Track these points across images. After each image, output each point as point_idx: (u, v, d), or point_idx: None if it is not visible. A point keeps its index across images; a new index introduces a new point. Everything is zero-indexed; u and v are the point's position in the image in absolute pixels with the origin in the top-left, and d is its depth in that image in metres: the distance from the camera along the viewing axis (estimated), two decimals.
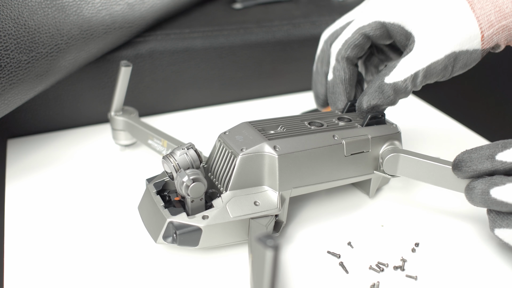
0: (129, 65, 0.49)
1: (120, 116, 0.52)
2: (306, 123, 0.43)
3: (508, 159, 0.36)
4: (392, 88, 0.42)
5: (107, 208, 0.46)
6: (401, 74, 0.42)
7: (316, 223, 0.43)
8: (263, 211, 0.38)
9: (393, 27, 0.44)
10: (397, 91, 0.43)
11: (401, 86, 0.42)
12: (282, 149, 0.39)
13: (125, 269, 0.38)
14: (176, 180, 0.37)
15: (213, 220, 0.37)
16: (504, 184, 0.36)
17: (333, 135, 0.41)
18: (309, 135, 0.41)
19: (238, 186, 0.39)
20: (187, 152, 0.38)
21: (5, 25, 0.43)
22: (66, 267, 0.39)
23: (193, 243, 0.37)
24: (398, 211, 0.45)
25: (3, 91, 0.44)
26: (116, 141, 0.54)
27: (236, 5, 0.70)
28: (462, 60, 0.42)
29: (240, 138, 0.40)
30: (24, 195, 0.47)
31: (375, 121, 0.44)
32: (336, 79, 0.47)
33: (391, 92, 0.42)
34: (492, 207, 0.37)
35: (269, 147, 0.39)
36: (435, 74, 0.42)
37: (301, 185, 0.40)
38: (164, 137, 0.48)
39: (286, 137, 0.40)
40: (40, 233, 0.42)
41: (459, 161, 0.38)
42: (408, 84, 0.42)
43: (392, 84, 0.42)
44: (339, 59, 0.47)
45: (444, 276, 0.38)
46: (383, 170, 0.44)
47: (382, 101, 0.43)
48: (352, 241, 0.41)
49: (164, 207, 0.38)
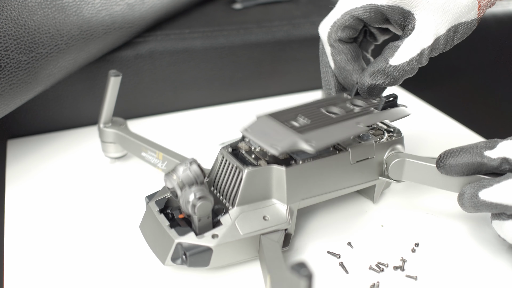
0: (119, 74, 0.47)
1: (110, 128, 0.49)
2: (324, 111, 0.41)
3: (495, 155, 0.37)
4: (398, 70, 0.41)
5: (107, 208, 0.46)
6: (406, 55, 0.41)
7: (316, 224, 0.43)
8: (273, 226, 0.37)
9: (391, 9, 0.42)
10: (402, 72, 0.41)
11: (407, 68, 0.41)
12: (317, 143, 0.35)
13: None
14: (181, 199, 0.35)
15: (223, 238, 0.35)
16: (491, 185, 0.37)
17: (357, 122, 0.39)
18: (335, 124, 0.38)
19: (246, 201, 0.37)
20: (190, 168, 0.37)
21: (5, 25, 0.43)
22: (66, 267, 0.39)
23: (204, 264, 0.36)
24: (398, 212, 0.45)
25: (3, 91, 0.44)
26: (106, 154, 0.51)
27: (236, 6, 0.70)
28: (460, 31, 0.42)
29: (263, 134, 0.37)
30: (24, 195, 0.47)
31: (388, 104, 0.43)
32: (340, 64, 0.45)
33: (396, 73, 0.41)
34: (482, 210, 0.38)
35: (302, 142, 0.35)
36: (438, 49, 0.42)
37: (309, 196, 0.40)
38: (159, 149, 0.47)
39: (316, 128, 0.37)
40: (40, 234, 0.42)
41: (446, 154, 0.39)
42: (414, 63, 0.41)
43: (398, 66, 0.41)
44: (332, 43, 0.45)
45: (444, 276, 0.38)
46: (388, 176, 0.43)
47: (385, 82, 0.42)
48: (352, 241, 0.41)
49: (169, 227, 0.36)
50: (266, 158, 0.39)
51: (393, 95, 0.43)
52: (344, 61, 0.45)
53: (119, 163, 0.53)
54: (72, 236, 0.42)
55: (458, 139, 0.58)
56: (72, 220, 0.44)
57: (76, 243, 0.41)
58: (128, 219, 0.44)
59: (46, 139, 0.57)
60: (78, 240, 0.41)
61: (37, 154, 0.54)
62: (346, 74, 0.45)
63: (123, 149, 0.51)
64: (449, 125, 0.62)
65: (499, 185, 0.36)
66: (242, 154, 0.40)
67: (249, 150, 0.41)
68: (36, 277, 0.38)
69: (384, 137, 0.43)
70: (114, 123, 0.50)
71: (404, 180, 0.43)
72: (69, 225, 0.43)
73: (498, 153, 0.38)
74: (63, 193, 0.48)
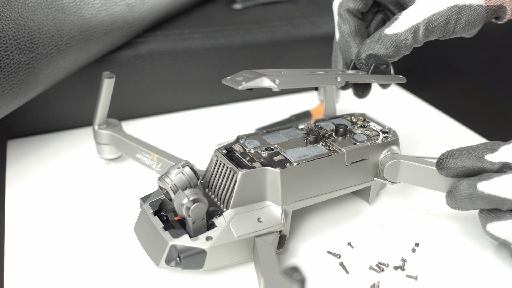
0: (112, 76, 0.47)
1: (105, 130, 0.49)
2: (309, 72, 0.40)
3: (496, 160, 0.36)
4: (392, 40, 0.41)
5: (102, 210, 0.46)
6: (401, 26, 0.41)
7: (313, 225, 0.43)
8: (268, 228, 0.37)
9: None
10: (397, 43, 0.41)
11: (401, 38, 0.41)
12: (281, 83, 0.35)
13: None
14: (175, 202, 0.35)
15: (217, 241, 0.35)
16: (491, 178, 0.36)
17: (336, 75, 0.39)
18: (311, 75, 0.38)
19: (240, 203, 0.37)
20: (183, 170, 0.37)
21: (5, 26, 0.43)
22: (63, 268, 0.39)
23: (198, 266, 0.35)
24: (398, 212, 0.45)
25: (3, 92, 0.44)
26: (101, 156, 0.51)
27: (236, 6, 0.70)
28: (465, 15, 0.41)
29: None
30: (24, 196, 0.47)
31: (379, 70, 0.42)
32: (343, 34, 0.45)
33: (390, 43, 0.41)
34: (477, 203, 0.37)
35: (268, 80, 0.35)
36: (437, 27, 0.41)
37: (304, 198, 0.40)
38: (154, 150, 0.47)
39: (289, 76, 0.37)
40: (40, 234, 0.42)
41: (446, 156, 0.39)
42: (409, 36, 0.41)
43: (392, 35, 0.41)
44: (341, 12, 0.45)
45: (444, 276, 0.38)
46: (383, 177, 0.43)
47: (381, 52, 0.42)
48: (352, 241, 0.41)
49: (164, 229, 0.36)
50: (261, 160, 0.39)
51: (385, 62, 0.42)
52: (347, 32, 0.45)
53: (114, 165, 0.53)
54: (68, 237, 0.42)
55: (458, 139, 0.58)
56: (69, 221, 0.44)
57: (72, 245, 0.41)
58: (122, 221, 0.44)
59: (46, 140, 0.57)
60: (74, 242, 0.41)
61: (37, 155, 0.54)
62: (346, 47, 0.45)
63: (118, 151, 0.51)
64: (449, 124, 0.62)
65: (499, 178, 0.36)
66: (237, 156, 0.40)
67: (244, 152, 0.41)
68: (36, 277, 0.38)
69: (379, 138, 0.43)
70: (109, 124, 0.50)
71: (399, 181, 0.43)
72: (66, 226, 0.43)
73: (499, 157, 0.37)
74: (63, 194, 0.48)
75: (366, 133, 0.44)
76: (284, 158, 0.40)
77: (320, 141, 0.42)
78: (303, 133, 0.44)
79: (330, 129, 0.45)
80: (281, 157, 0.40)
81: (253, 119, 0.63)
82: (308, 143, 0.42)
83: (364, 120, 0.47)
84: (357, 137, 0.43)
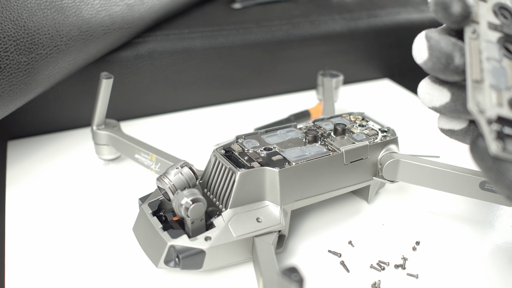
0: (111, 77, 0.47)
1: (103, 130, 0.49)
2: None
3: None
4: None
5: (101, 210, 0.46)
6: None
7: (313, 224, 0.43)
8: (267, 228, 0.37)
9: None
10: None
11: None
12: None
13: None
14: (174, 202, 0.35)
15: (216, 241, 0.35)
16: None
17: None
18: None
19: (239, 203, 0.37)
20: (182, 171, 0.37)
21: (5, 26, 0.43)
22: (63, 269, 0.39)
23: (197, 266, 0.35)
24: (397, 211, 0.45)
25: (3, 92, 0.44)
26: (100, 156, 0.51)
27: (236, 5, 0.70)
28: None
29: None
30: (24, 197, 0.47)
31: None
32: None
33: None
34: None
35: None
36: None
37: (303, 198, 0.40)
38: (152, 150, 0.46)
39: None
40: (40, 234, 0.42)
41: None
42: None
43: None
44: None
45: (445, 275, 0.38)
46: (382, 176, 0.43)
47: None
48: (352, 240, 0.41)
49: (162, 229, 0.36)
50: (259, 160, 0.39)
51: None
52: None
53: (113, 165, 0.53)
54: (68, 238, 0.42)
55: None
56: (69, 222, 0.44)
57: (71, 245, 0.41)
58: (121, 221, 0.44)
59: (46, 140, 0.57)
60: (73, 242, 0.41)
61: (37, 155, 0.54)
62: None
63: (117, 151, 0.51)
64: None
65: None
66: (235, 155, 0.40)
67: (242, 151, 0.41)
68: (37, 277, 0.38)
69: (378, 137, 0.43)
70: (107, 125, 0.50)
71: (398, 180, 0.43)
72: (66, 226, 0.43)
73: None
74: (63, 194, 0.48)
75: (365, 132, 0.44)
76: (283, 157, 0.40)
77: (318, 141, 0.42)
78: (301, 133, 0.44)
79: (328, 129, 0.45)
80: (280, 156, 0.40)
81: (251, 118, 0.63)
82: (306, 143, 0.42)
83: (362, 119, 0.47)
84: (356, 136, 0.43)
